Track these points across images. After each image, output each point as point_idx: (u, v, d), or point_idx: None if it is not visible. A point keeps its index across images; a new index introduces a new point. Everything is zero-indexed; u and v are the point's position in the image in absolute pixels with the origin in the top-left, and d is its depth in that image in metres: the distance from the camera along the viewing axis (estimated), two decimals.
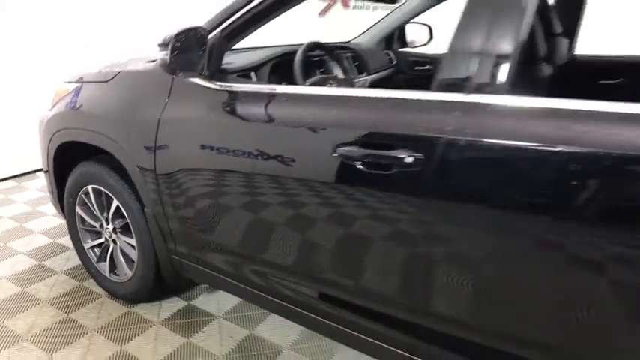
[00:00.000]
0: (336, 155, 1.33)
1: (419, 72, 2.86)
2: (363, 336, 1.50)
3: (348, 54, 2.52)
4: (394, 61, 2.89)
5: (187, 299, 2.33)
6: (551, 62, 2.06)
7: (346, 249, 1.44)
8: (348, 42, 2.79)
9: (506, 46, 1.15)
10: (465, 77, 1.19)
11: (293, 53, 2.02)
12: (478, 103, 1.16)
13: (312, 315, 1.61)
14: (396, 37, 2.90)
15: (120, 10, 4.40)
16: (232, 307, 2.25)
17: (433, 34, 2.86)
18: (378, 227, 1.32)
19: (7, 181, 3.91)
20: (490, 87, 1.16)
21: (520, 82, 1.19)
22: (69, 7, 4.07)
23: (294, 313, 1.68)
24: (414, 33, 2.88)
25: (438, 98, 1.22)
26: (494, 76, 1.16)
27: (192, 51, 1.56)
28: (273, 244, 1.61)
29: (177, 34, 1.51)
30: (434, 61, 2.76)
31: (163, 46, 1.55)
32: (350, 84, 2.21)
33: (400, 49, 2.96)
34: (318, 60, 2.31)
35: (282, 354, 1.94)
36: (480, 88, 1.17)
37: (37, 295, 2.36)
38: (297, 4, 1.63)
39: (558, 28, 2.12)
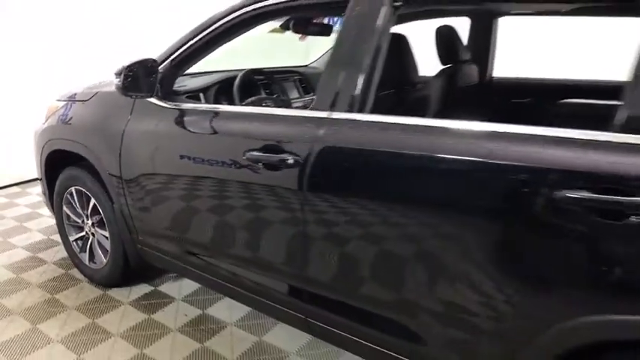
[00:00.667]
0: (244, 158, 1.73)
1: None
2: (273, 304, 1.88)
3: (296, 77, 2.93)
4: None
5: (154, 285, 2.73)
6: (460, 84, 2.45)
7: (257, 232, 1.83)
8: (302, 66, 3.22)
9: (360, 79, 1.54)
10: (332, 99, 1.59)
11: (235, 78, 2.45)
12: (339, 118, 1.56)
13: (235, 287, 2.01)
14: None
15: (119, 10, 4.68)
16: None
17: None
18: (277, 214, 1.71)
19: (12, 187, 4.38)
20: (349, 107, 1.55)
21: (390, 103, 1.58)
22: (68, 10, 4.38)
23: (225, 288, 2.07)
24: None
25: (313, 115, 1.62)
26: (352, 99, 1.55)
27: (144, 78, 1.98)
28: (210, 231, 2.01)
29: (129, 65, 1.93)
30: None
31: (118, 74, 1.97)
32: (287, 104, 2.62)
33: None
34: (266, 82, 2.74)
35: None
36: (341, 108, 1.56)
37: (28, 280, 2.78)
38: (233, 39, 2.05)
39: (466, 56, 2.51)
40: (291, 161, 1.61)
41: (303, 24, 2.42)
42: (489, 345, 1.36)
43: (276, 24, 2.54)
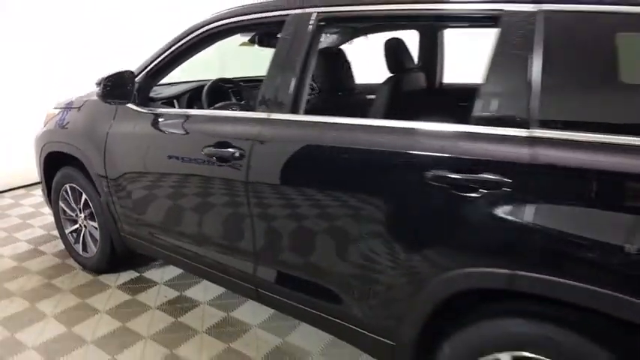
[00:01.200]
0: (202, 153, 2.06)
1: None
2: (230, 278, 2.20)
3: None
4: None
5: (139, 272, 3.06)
6: (408, 89, 2.75)
7: (213, 216, 2.15)
8: None
9: (292, 86, 1.86)
10: (270, 103, 1.91)
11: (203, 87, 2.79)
12: (276, 119, 1.88)
13: (198, 265, 2.34)
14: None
15: (118, 10, 4.98)
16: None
17: None
18: (228, 200, 2.03)
19: (17, 190, 4.76)
20: (280, 109, 1.87)
21: (327, 105, 1.90)
22: (69, 12, 4.67)
23: (190, 267, 2.40)
24: None
25: (256, 116, 1.94)
26: (286, 102, 1.87)
27: (121, 87, 2.32)
28: (176, 217, 2.34)
29: (107, 77, 2.27)
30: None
31: (98, 84, 2.31)
32: (252, 108, 2.94)
33: None
34: (236, 90, 3.08)
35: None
36: (278, 110, 1.88)
37: (29, 267, 3.13)
38: (198, 53, 2.38)
39: (411, 64, 2.81)
40: (237, 155, 1.93)
41: (266, 38, 2.75)
42: (393, 294, 1.65)
43: (244, 38, 2.87)
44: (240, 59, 4.11)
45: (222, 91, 2.91)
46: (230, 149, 1.96)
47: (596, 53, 1.32)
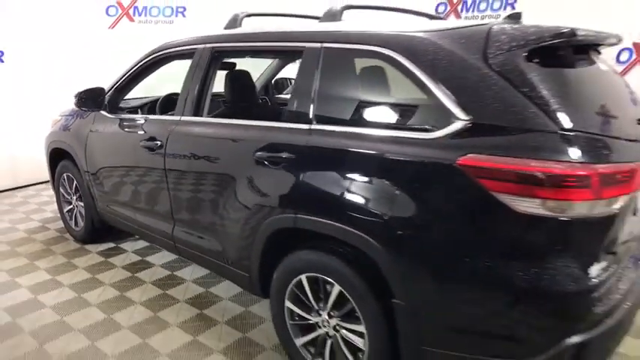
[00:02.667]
0: (140, 146, 2.88)
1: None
2: (158, 236, 2.99)
3: (219, 98, 4.08)
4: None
5: (117, 243, 3.90)
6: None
7: (147, 191, 2.96)
8: None
9: (196, 95, 2.66)
10: (182, 108, 2.71)
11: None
12: (185, 120, 2.68)
13: (139, 228, 3.15)
14: (272, 87, 4.43)
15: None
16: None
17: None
18: (155, 179, 2.84)
19: (42, 184, 5.76)
20: (188, 112, 2.67)
21: (218, 110, 2.69)
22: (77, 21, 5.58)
23: (134, 230, 3.22)
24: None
25: (173, 118, 2.75)
26: (192, 108, 2.67)
27: (93, 98, 3.19)
28: (125, 193, 3.16)
29: (82, 91, 3.15)
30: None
31: (75, 96, 3.19)
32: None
33: (277, 95, 4.48)
34: None
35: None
36: (187, 114, 2.68)
37: (35, 238, 4.04)
38: (152, 73, 3.23)
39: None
40: (159, 145, 2.74)
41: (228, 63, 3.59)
42: (243, 237, 2.37)
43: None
44: None
45: (173, 102, 3.74)
46: (155, 142, 2.77)
47: (344, 75, 2.06)
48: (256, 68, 4.00)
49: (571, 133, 1.55)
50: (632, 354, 2.46)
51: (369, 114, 2.02)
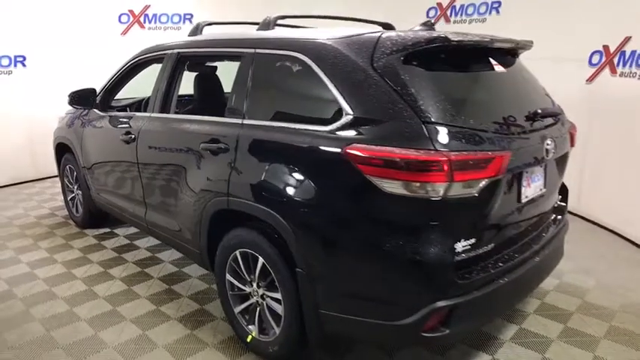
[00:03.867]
0: (120, 138, 3.27)
1: None
2: (135, 220, 3.38)
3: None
4: None
5: (112, 229, 4.33)
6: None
7: (124, 179, 3.35)
8: None
9: (163, 95, 3.02)
10: (152, 106, 3.08)
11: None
12: (154, 116, 3.05)
13: (120, 212, 3.54)
14: None
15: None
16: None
17: None
18: (130, 168, 3.22)
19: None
20: (157, 110, 3.04)
21: (179, 108, 3.05)
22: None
23: (116, 214, 3.62)
24: None
25: (145, 115, 3.13)
26: (160, 105, 3.03)
27: (84, 98, 3.61)
28: (107, 181, 3.57)
29: (74, 91, 3.58)
30: None
31: (68, 95, 3.62)
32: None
33: None
34: None
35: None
36: (156, 111, 3.05)
37: (43, 222, 4.53)
38: (136, 75, 3.62)
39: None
40: (132, 138, 3.13)
41: (193, 66, 3.96)
42: (194, 218, 2.69)
43: None
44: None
45: None
46: (130, 135, 3.16)
47: (268, 76, 2.36)
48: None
49: (431, 125, 1.81)
50: None
51: (284, 109, 2.33)
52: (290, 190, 2.10)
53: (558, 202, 2.74)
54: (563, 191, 2.79)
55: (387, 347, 2.55)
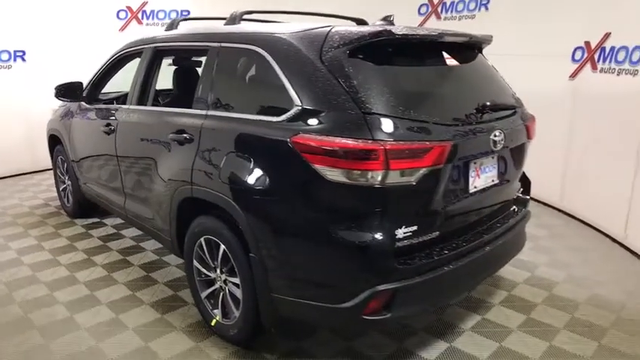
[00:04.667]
0: (101, 130, 3.38)
1: None
2: (115, 208, 3.49)
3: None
4: None
5: (100, 219, 4.46)
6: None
7: (106, 170, 3.46)
8: None
9: (140, 88, 3.12)
10: (131, 98, 3.19)
11: None
12: (130, 108, 3.16)
13: (103, 202, 3.67)
14: None
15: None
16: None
17: None
18: (110, 158, 3.34)
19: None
20: (136, 102, 3.14)
21: (152, 100, 3.16)
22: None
23: (101, 203, 3.75)
24: None
25: (122, 106, 3.24)
26: (136, 97, 3.14)
27: (71, 91, 3.74)
28: (90, 171, 3.69)
29: (60, 84, 3.70)
30: None
31: (55, 88, 3.75)
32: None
33: None
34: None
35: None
36: (132, 103, 3.16)
37: (35, 212, 4.68)
38: (120, 69, 3.74)
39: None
40: (112, 129, 3.24)
41: (168, 59, 4.05)
42: (164, 206, 2.80)
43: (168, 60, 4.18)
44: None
45: None
46: (110, 127, 3.27)
47: (230, 69, 2.45)
48: None
49: (371, 116, 1.88)
50: None
51: (243, 101, 2.42)
52: (244, 179, 2.19)
53: (519, 194, 2.79)
54: (525, 183, 2.84)
55: (340, 332, 2.63)
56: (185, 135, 2.54)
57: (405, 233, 1.96)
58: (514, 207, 2.71)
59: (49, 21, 5.97)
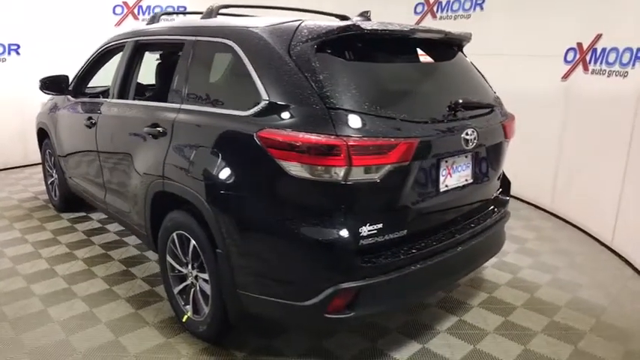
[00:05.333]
0: (84, 123, 3.37)
1: None
2: (97, 202, 3.48)
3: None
4: None
5: (87, 213, 4.45)
6: None
7: (86, 162, 3.45)
8: None
9: (121, 82, 3.11)
10: (112, 92, 3.18)
11: None
12: (112, 101, 3.14)
13: (87, 196, 3.66)
14: None
15: None
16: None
17: None
18: (90, 153, 3.33)
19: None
20: (116, 96, 3.13)
21: (134, 94, 3.15)
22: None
23: (82, 194, 3.74)
24: None
25: (106, 100, 3.23)
26: (119, 92, 3.12)
27: (56, 84, 3.73)
28: (73, 164, 3.68)
29: (45, 77, 3.70)
30: None
31: (40, 81, 3.74)
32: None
33: None
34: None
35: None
36: (111, 96, 3.15)
37: (23, 206, 4.68)
38: (106, 63, 3.72)
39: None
40: (94, 122, 3.23)
41: (156, 54, 4.04)
42: (139, 201, 2.78)
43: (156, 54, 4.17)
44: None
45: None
46: (92, 120, 3.26)
47: (204, 63, 2.43)
48: None
49: (336, 111, 1.85)
50: None
51: (215, 95, 2.40)
52: (211, 173, 2.16)
53: (499, 195, 2.75)
54: (505, 183, 2.79)
55: (306, 330, 2.61)
56: (159, 128, 2.52)
57: (370, 231, 1.93)
58: (492, 207, 2.66)
59: (45, 15, 5.97)
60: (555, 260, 3.63)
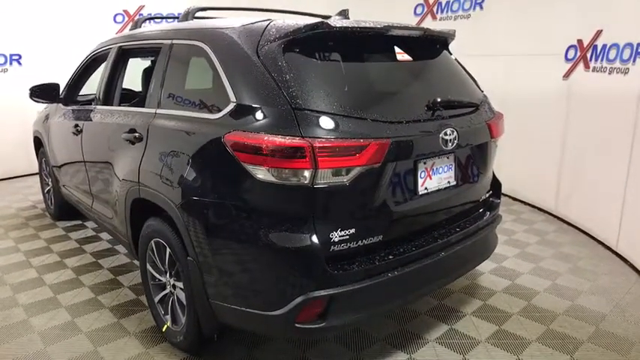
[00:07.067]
0: (72, 130, 3.36)
1: None
2: (85, 210, 3.45)
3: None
4: None
5: (82, 221, 4.44)
6: None
7: (74, 170, 3.43)
8: None
9: (105, 88, 3.09)
10: (97, 98, 3.15)
11: None
12: (97, 108, 3.12)
13: (74, 200, 3.63)
14: None
15: None
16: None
17: None
18: (78, 159, 3.30)
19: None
20: (101, 102, 3.10)
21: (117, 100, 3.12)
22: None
23: (74, 202, 3.71)
24: None
25: (92, 107, 3.20)
26: (102, 97, 3.10)
27: (46, 92, 3.73)
28: (64, 173, 3.66)
29: (35, 85, 3.70)
30: None
31: (30, 89, 3.74)
32: None
33: None
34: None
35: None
36: (96, 102, 3.12)
37: (21, 214, 4.69)
38: (95, 70, 3.71)
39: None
40: (80, 129, 3.21)
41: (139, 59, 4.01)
42: (119, 205, 2.73)
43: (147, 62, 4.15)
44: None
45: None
46: (78, 127, 3.24)
47: (179, 66, 2.38)
48: None
49: (302, 112, 1.77)
50: None
51: (188, 98, 2.34)
52: (182, 178, 2.10)
53: (488, 197, 2.63)
54: (495, 185, 2.68)
55: (286, 340, 2.52)
56: (136, 134, 2.48)
57: (341, 237, 1.85)
58: (481, 210, 2.55)
59: (46, 25, 6.04)
60: (557, 265, 3.49)
